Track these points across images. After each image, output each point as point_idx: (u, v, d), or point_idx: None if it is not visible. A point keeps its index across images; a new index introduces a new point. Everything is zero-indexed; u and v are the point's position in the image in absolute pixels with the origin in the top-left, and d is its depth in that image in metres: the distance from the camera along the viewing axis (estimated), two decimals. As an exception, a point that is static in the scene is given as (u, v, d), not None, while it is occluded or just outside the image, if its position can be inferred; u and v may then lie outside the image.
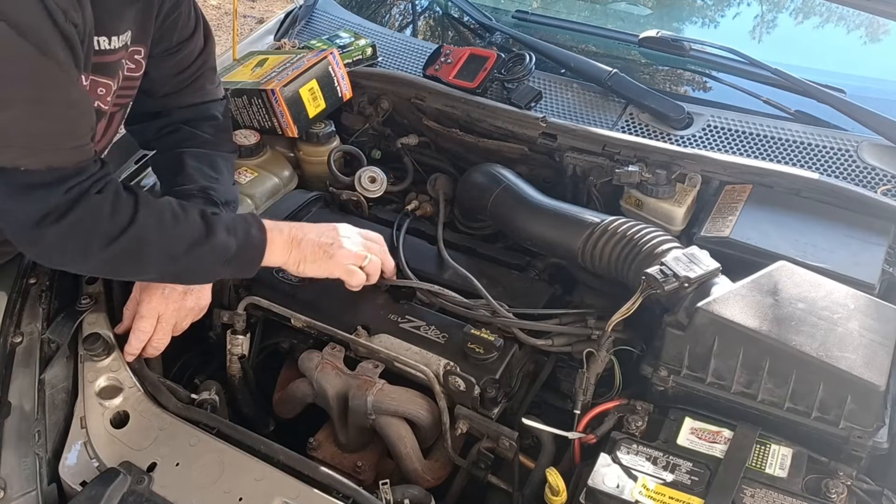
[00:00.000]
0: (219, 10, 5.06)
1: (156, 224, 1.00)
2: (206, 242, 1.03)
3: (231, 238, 1.06)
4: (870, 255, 1.13)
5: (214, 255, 1.05)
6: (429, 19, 2.12)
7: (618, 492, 0.88)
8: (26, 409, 1.06)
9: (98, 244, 0.96)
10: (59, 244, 0.96)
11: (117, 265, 1.03)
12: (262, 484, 0.95)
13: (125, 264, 1.02)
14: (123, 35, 1.07)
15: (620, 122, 1.49)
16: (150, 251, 1.01)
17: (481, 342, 1.10)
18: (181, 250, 1.02)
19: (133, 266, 1.03)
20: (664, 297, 1.05)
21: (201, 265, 1.06)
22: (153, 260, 1.02)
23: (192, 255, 1.03)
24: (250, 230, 1.09)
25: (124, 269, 1.05)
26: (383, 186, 1.44)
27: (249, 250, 1.09)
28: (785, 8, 2.04)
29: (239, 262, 1.09)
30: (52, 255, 1.00)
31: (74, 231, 0.95)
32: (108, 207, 0.96)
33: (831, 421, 0.94)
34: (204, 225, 1.04)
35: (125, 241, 0.97)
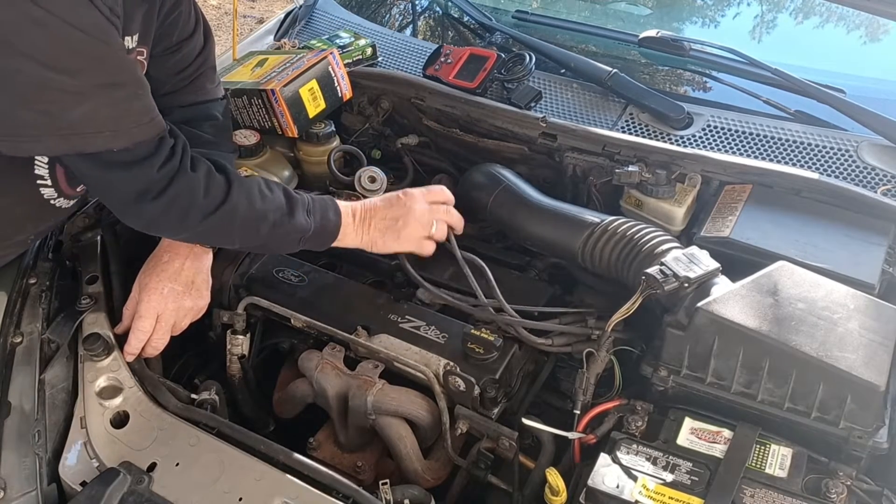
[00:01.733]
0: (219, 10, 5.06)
1: (246, 201, 1.08)
2: (287, 222, 1.12)
3: (310, 219, 1.14)
4: (870, 255, 1.13)
5: (294, 233, 1.13)
6: (429, 19, 2.12)
7: (618, 492, 0.88)
8: (26, 409, 1.06)
9: (195, 218, 1.05)
10: (159, 217, 1.04)
11: (210, 235, 1.14)
12: (262, 484, 0.95)
13: (217, 235, 1.13)
14: (134, 36, 1.08)
15: (620, 122, 1.49)
16: (240, 225, 1.09)
17: (481, 342, 1.10)
18: (266, 227, 1.10)
19: (224, 237, 1.13)
20: (664, 297, 1.05)
21: (282, 240, 1.15)
22: (241, 232, 1.11)
23: (274, 232, 1.11)
24: (327, 213, 1.17)
25: (216, 238, 1.16)
26: (383, 186, 1.44)
27: (324, 232, 1.17)
28: (785, 8, 2.03)
29: (314, 241, 1.17)
30: (153, 226, 1.09)
31: (173, 206, 1.03)
32: (202, 185, 1.04)
33: (831, 421, 0.94)
34: (287, 204, 1.12)
35: (219, 216, 1.06)
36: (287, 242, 1.16)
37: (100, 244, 1.32)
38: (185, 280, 1.17)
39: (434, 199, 1.27)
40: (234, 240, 1.14)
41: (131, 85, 0.97)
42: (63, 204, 1.17)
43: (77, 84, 0.89)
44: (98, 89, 0.92)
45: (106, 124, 0.94)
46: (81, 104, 0.91)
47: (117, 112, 0.95)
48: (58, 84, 0.87)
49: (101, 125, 0.94)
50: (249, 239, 1.13)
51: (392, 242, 1.23)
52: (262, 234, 1.11)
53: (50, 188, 1.12)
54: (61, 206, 1.16)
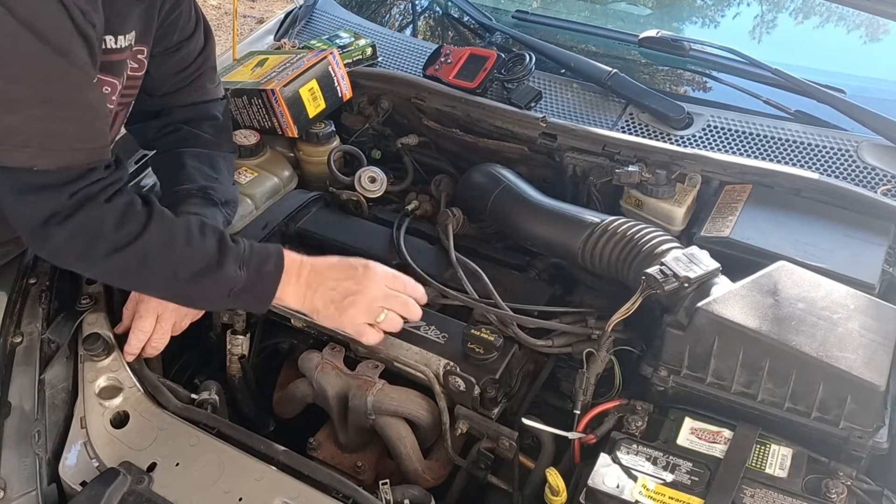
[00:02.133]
0: (219, 10, 5.06)
1: (164, 243, 0.99)
2: (212, 272, 1.01)
3: (241, 272, 1.03)
4: (870, 255, 1.13)
5: (219, 286, 1.03)
6: (429, 19, 2.12)
7: (618, 492, 0.88)
8: (26, 409, 1.06)
9: (102, 251, 0.97)
10: (63, 246, 0.97)
11: (120, 276, 1.04)
12: (262, 484, 0.95)
13: (128, 276, 1.03)
14: (129, 35, 1.07)
15: (620, 122, 1.49)
16: (154, 269, 1.00)
17: (481, 342, 1.10)
18: (186, 275, 1.01)
19: (135, 279, 1.04)
20: (664, 297, 1.05)
21: (205, 293, 1.05)
22: (155, 278, 1.02)
23: (196, 282, 1.02)
24: (265, 266, 1.06)
25: (127, 280, 1.07)
26: (383, 186, 1.44)
27: (259, 286, 1.06)
28: (785, 8, 2.03)
29: (247, 297, 1.06)
30: (57, 255, 1.01)
31: (78, 235, 0.95)
32: (114, 217, 0.97)
33: (831, 421, 0.94)
34: (218, 253, 1.02)
35: (129, 254, 0.97)
36: (212, 295, 1.05)
37: (100, 244, 1.32)
38: (185, 280, 1.16)
39: (395, 287, 1.12)
40: (146, 284, 1.04)
41: (74, 107, 0.91)
42: None
43: (13, 91, 0.84)
44: (35, 102, 0.86)
45: (33, 140, 0.88)
46: (11, 114, 0.85)
47: (49, 131, 0.89)
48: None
49: (28, 139, 0.87)
50: (166, 286, 1.04)
51: (333, 317, 1.10)
52: (180, 282, 1.01)
53: None
54: None
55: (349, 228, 1.40)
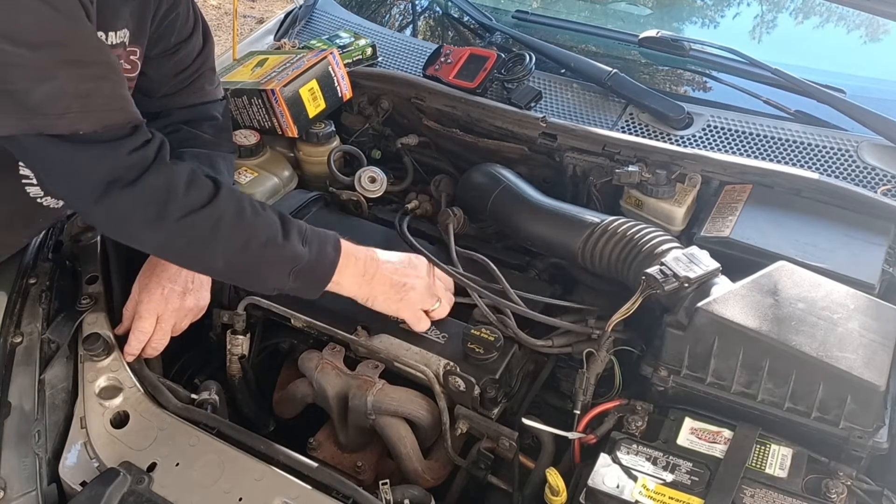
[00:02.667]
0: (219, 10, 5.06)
1: (236, 209, 0.97)
2: (281, 243, 1.00)
3: (305, 248, 1.02)
4: (870, 255, 1.13)
5: (286, 259, 1.01)
6: (429, 19, 2.12)
7: (618, 492, 0.88)
8: (26, 409, 1.06)
9: (173, 214, 0.93)
10: (132, 211, 0.93)
11: (188, 243, 0.98)
12: (262, 484, 0.95)
13: (198, 243, 0.98)
14: (121, 32, 1.07)
15: (620, 122, 1.49)
16: (227, 235, 0.97)
17: (481, 342, 1.10)
18: (256, 244, 0.98)
19: (206, 247, 0.98)
20: (664, 297, 1.05)
21: (272, 267, 1.02)
22: (227, 246, 0.98)
23: (265, 253, 0.99)
24: (325, 247, 1.05)
25: (194, 249, 0.99)
26: (383, 186, 1.44)
27: (319, 267, 1.05)
28: (785, 8, 2.03)
29: (306, 277, 1.04)
30: (124, 223, 0.96)
31: (148, 197, 0.92)
32: (184, 178, 0.94)
33: (831, 421, 0.94)
34: (281, 225, 1.01)
35: (202, 217, 0.94)
36: (277, 271, 1.03)
37: (100, 244, 1.32)
38: (185, 280, 1.17)
39: (441, 279, 1.19)
40: (216, 254, 0.99)
41: (100, 65, 0.91)
42: (51, 203, 1.15)
43: (40, 60, 0.84)
44: (63, 66, 0.86)
45: (72, 104, 0.87)
46: (45, 82, 0.85)
47: (85, 91, 0.88)
48: (18, 59, 0.82)
49: (68, 105, 0.87)
50: (235, 256, 1.00)
51: (392, 304, 1.12)
52: (250, 251, 0.99)
53: (35, 186, 1.11)
54: (49, 205, 1.15)
55: (349, 228, 1.40)
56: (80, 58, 0.88)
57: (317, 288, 1.07)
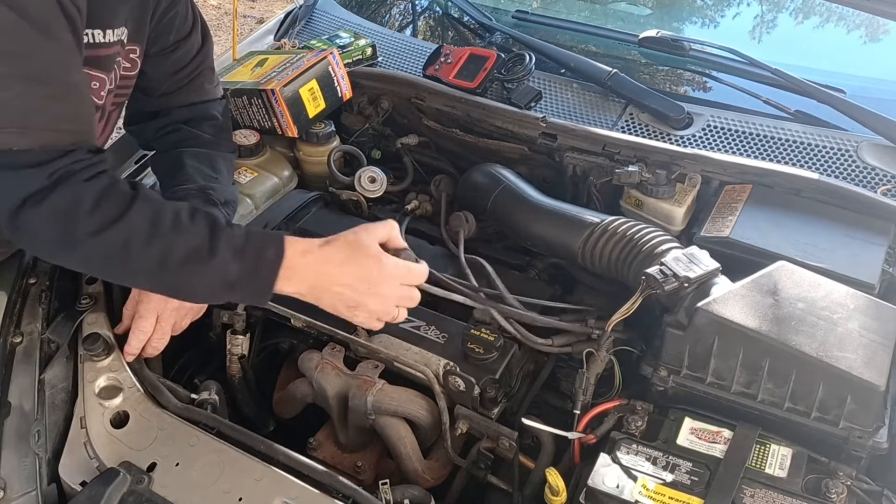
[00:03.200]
0: (219, 10, 5.06)
1: (148, 225, 0.90)
2: (203, 260, 0.92)
3: (235, 262, 0.93)
4: (870, 255, 1.13)
5: (212, 275, 0.93)
6: (429, 19, 2.12)
7: (618, 492, 0.88)
8: (26, 409, 1.06)
9: (79, 234, 0.89)
10: (39, 230, 0.90)
11: (103, 263, 0.94)
12: (262, 484, 0.95)
13: (112, 264, 0.93)
14: (118, 30, 1.06)
15: (620, 122, 1.49)
16: (138, 255, 0.91)
17: (481, 342, 1.10)
18: (174, 262, 0.91)
19: (120, 268, 0.94)
20: (664, 297, 1.05)
21: (198, 284, 0.95)
22: (140, 266, 0.92)
23: (186, 272, 0.92)
24: (263, 256, 0.94)
25: (111, 268, 0.95)
26: (383, 186, 1.44)
27: (256, 280, 0.95)
28: (785, 8, 2.04)
29: (243, 291, 0.96)
30: (35, 242, 0.94)
31: (54, 216, 0.88)
32: (92, 196, 0.89)
33: (831, 421, 0.94)
34: (209, 239, 0.92)
35: (109, 238, 0.89)
36: (206, 287, 0.95)
37: (100, 244, 1.32)
38: (185, 280, 1.16)
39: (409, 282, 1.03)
40: (132, 273, 0.94)
41: (57, 85, 0.88)
42: None
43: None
44: (16, 80, 0.83)
45: (14, 120, 0.85)
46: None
47: (31, 109, 0.86)
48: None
49: (8, 121, 0.84)
50: (153, 275, 0.93)
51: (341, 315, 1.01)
52: (169, 269, 0.91)
53: None
54: None
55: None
56: (36, 74, 0.85)
57: (259, 300, 0.98)
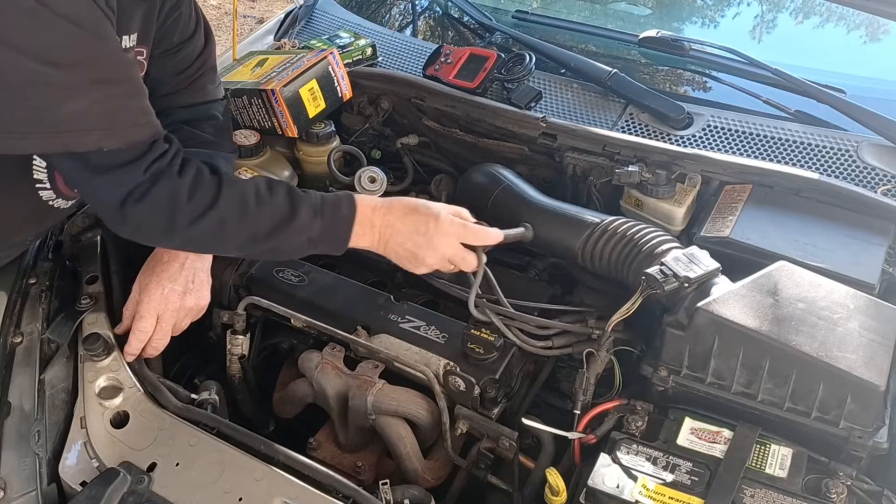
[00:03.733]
0: (219, 10, 5.06)
1: (238, 206, 1.02)
2: (288, 224, 1.04)
3: (317, 220, 1.06)
4: (870, 255, 1.13)
5: (297, 235, 1.05)
6: (429, 19, 2.11)
7: (618, 492, 0.88)
8: (26, 409, 1.06)
9: (181, 223, 1.00)
10: (145, 223, 1.01)
11: (203, 243, 1.08)
12: (262, 484, 0.95)
13: (210, 242, 1.07)
14: (132, 35, 1.08)
15: (620, 122, 1.49)
16: (232, 233, 1.03)
17: (481, 342, 1.10)
18: (264, 233, 1.04)
19: (217, 244, 1.07)
20: (664, 297, 1.05)
21: (285, 245, 1.07)
22: (236, 241, 1.05)
23: (274, 237, 1.04)
24: (338, 213, 1.08)
25: (210, 245, 1.09)
26: (383, 186, 1.44)
27: (334, 234, 1.08)
28: (785, 8, 2.04)
29: (325, 243, 1.09)
30: (139, 232, 1.04)
31: (156, 210, 0.99)
32: (187, 187, 0.99)
33: (831, 421, 0.94)
34: (289, 206, 1.05)
35: (207, 222, 1.00)
36: (292, 247, 1.08)
37: (100, 244, 1.32)
38: (186, 280, 1.17)
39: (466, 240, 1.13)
40: (228, 246, 1.08)
41: (127, 83, 0.95)
42: (62, 205, 1.17)
43: (69, 79, 0.86)
44: (91, 85, 0.89)
45: (98, 122, 0.91)
46: (73, 100, 0.88)
47: (112, 109, 0.92)
48: (47, 79, 0.85)
49: (94, 122, 0.90)
50: (247, 245, 1.07)
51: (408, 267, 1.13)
52: (260, 240, 1.05)
53: (48, 190, 1.12)
54: (60, 206, 1.16)
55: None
56: (108, 76, 0.91)
57: (338, 249, 1.10)
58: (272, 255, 1.19)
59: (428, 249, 1.10)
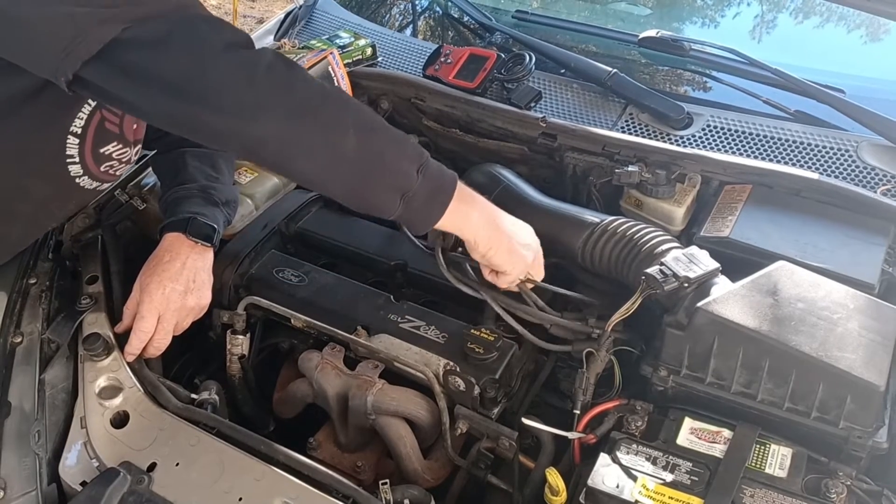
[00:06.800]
0: (219, 10, 5.06)
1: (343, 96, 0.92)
2: (402, 139, 0.93)
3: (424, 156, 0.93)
4: (870, 255, 1.13)
5: (411, 156, 0.92)
6: (429, 19, 2.12)
7: (617, 492, 0.88)
8: (26, 409, 1.06)
9: (300, 75, 0.88)
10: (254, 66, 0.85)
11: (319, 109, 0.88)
12: (262, 484, 0.95)
13: (328, 112, 0.88)
14: None
15: (620, 122, 1.49)
16: (356, 108, 0.91)
17: (481, 342, 1.10)
18: (381, 126, 0.91)
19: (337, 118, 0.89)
20: (664, 297, 1.05)
21: (398, 160, 0.91)
22: (358, 119, 0.89)
23: (390, 141, 0.91)
24: (442, 170, 0.95)
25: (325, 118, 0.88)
26: (383, 186, 1.44)
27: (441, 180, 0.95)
28: (785, 8, 2.04)
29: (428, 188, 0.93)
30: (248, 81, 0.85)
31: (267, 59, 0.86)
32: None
33: (831, 421, 0.94)
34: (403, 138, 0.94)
35: (333, 89, 0.91)
36: (402, 167, 0.91)
37: (100, 244, 1.32)
38: (187, 280, 1.17)
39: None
40: (348, 128, 0.88)
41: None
42: (86, 184, 1.16)
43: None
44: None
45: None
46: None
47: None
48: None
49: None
50: (366, 136, 0.89)
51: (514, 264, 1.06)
52: (377, 135, 0.90)
53: (77, 164, 1.11)
54: (84, 185, 1.15)
55: (349, 228, 1.40)
56: None
57: (442, 198, 0.95)
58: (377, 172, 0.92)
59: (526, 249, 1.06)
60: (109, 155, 1.15)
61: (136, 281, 1.17)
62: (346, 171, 0.92)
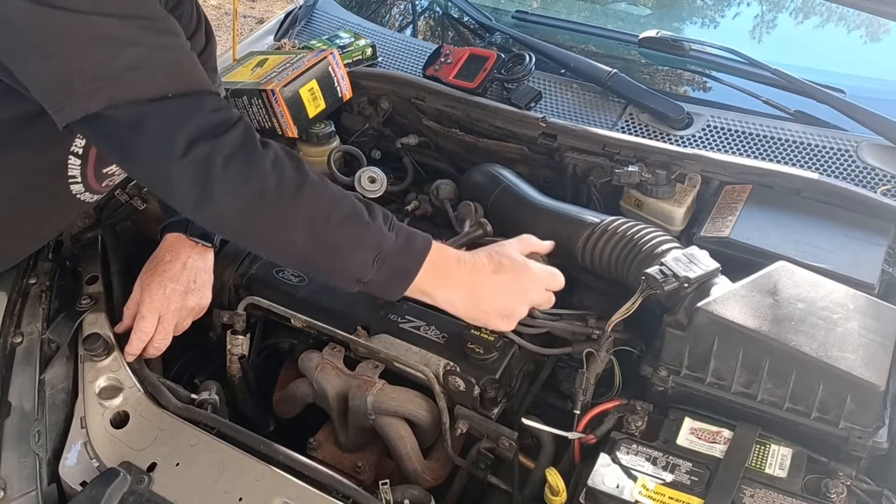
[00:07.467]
0: (219, 10, 5.06)
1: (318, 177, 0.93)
2: (367, 221, 0.94)
3: (391, 232, 0.95)
4: (870, 255, 1.13)
5: (372, 239, 0.94)
6: (429, 19, 2.12)
7: (617, 492, 0.88)
8: (26, 409, 1.06)
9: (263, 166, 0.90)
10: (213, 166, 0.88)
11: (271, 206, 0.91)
12: (262, 484, 0.95)
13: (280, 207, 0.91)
14: None
15: (620, 122, 1.49)
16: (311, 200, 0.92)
17: (481, 342, 1.10)
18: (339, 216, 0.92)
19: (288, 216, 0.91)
20: (664, 297, 1.05)
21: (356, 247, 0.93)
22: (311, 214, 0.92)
23: (349, 228, 0.93)
24: (413, 236, 0.98)
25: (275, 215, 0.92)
26: (383, 186, 1.44)
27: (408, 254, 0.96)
28: (785, 8, 2.04)
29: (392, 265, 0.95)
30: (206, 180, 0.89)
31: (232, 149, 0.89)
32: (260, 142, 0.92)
33: (831, 421, 0.94)
34: (364, 204, 0.95)
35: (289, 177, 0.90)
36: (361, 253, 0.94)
37: (100, 244, 1.32)
38: (188, 280, 1.17)
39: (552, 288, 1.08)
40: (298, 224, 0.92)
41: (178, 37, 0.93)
42: (87, 199, 1.17)
43: (127, 28, 0.85)
44: (147, 33, 0.87)
45: (160, 67, 0.88)
46: (132, 48, 0.85)
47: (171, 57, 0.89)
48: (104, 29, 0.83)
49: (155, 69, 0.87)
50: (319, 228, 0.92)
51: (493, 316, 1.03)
52: (331, 225, 0.92)
53: (78, 184, 1.12)
54: (86, 200, 1.17)
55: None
56: (163, 28, 0.90)
57: (401, 281, 0.97)
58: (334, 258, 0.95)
59: (522, 304, 1.04)
60: (111, 173, 1.16)
61: (137, 281, 1.18)
62: (296, 261, 1.01)
